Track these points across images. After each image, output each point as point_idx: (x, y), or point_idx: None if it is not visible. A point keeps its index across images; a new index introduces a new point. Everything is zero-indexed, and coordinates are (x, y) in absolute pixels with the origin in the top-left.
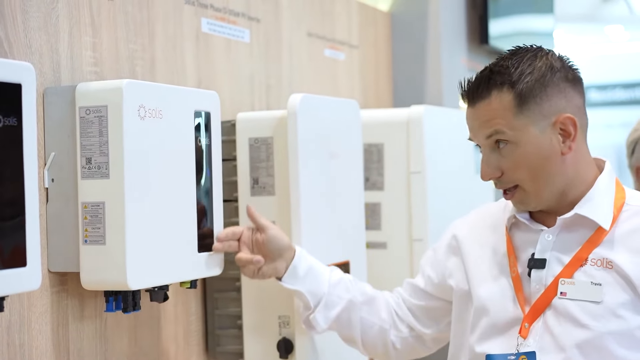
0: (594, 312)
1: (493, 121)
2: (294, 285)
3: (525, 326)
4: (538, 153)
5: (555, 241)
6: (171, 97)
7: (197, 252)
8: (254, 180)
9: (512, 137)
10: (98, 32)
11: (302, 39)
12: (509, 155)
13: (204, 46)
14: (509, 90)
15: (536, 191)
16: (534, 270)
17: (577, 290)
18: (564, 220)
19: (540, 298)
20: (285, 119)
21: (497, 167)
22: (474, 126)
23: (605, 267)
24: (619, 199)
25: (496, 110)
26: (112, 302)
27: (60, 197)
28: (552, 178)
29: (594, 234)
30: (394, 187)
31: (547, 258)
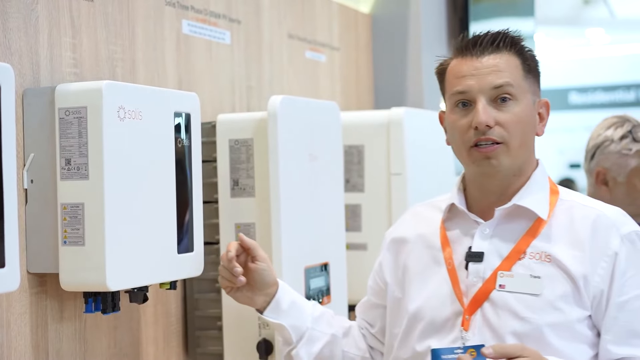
0: (533, 305)
1: (505, 73)
2: (276, 319)
3: (467, 318)
4: (529, 120)
5: (493, 234)
6: (151, 98)
7: (177, 253)
8: (234, 182)
9: (518, 94)
10: (78, 33)
11: (283, 41)
12: (509, 110)
13: (184, 48)
14: (518, 55)
15: (516, 153)
16: (471, 264)
17: (516, 283)
18: (502, 211)
19: (479, 291)
20: (265, 120)
21: (494, 118)
22: (480, 74)
23: (544, 260)
24: (553, 194)
25: (508, 65)
26: (91, 303)
27: (40, 198)
28: (527, 149)
29: (532, 226)
30: (374, 189)
31: (485, 251)
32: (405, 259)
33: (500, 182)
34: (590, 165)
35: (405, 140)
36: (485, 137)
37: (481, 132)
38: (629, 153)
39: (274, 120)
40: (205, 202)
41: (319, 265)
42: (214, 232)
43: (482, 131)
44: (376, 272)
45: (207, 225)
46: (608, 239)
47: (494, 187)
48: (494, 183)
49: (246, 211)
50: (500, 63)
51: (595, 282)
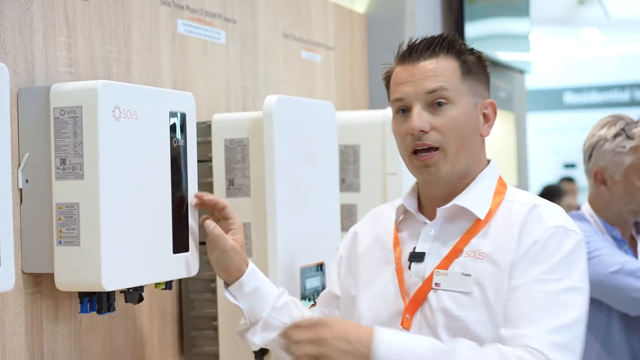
0: (464, 303)
1: (440, 77)
2: (236, 299)
3: (407, 317)
4: (468, 122)
5: (437, 234)
6: (146, 98)
7: (173, 253)
8: (230, 182)
9: (453, 97)
10: (73, 33)
11: (279, 41)
12: (445, 114)
13: (179, 47)
14: (456, 58)
15: (454, 158)
16: (413, 264)
17: (450, 281)
18: (444, 212)
19: (419, 290)
20: (261, 120)
21: (429, 123)
22: (415, 80)
23: (477, 258)
24: (499, 194)
25: (444, 69)
26: (86, 304)
27: (35, 198)
28: (470, 153)
29: (472, 226)
30: (369, 189)
31: (427, 251)
32: (361, 257)
33: (444, 187)
34: (589, 166)
35: None
36: (420, 142)
37: (417, 137)
38: (623, 150)
39: (270, 120)
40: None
41: (314, 265)
42: None
43: (417, 137)
44: (337, 263)
45: (202, 225)
46: (533, 230)
47: (438, 192)
48: (437, 188)
49: (242, 211)
50: (436, 67)
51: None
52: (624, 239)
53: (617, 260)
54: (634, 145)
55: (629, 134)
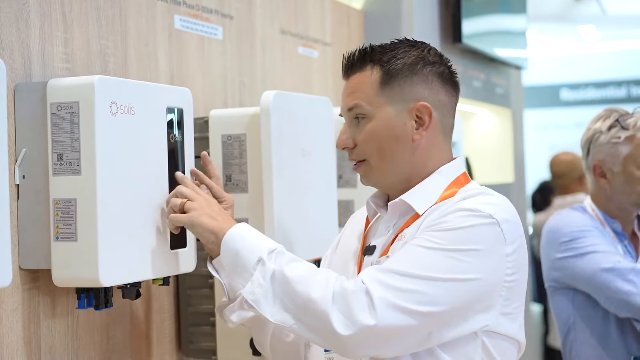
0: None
1: (356, 94)
2: (218, 273)
3: None
4: (388, 132)
5: (391, 228)
6: (143, 93)
7: (170, 249)
8: (227, 177)
9: (369, 112)
10: (69, 28)
11: (276, 37)
12: (363, 128)
13: (176, 43)
14: (379, 68)
15: (380, 168)
16: (366, 256)
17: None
18: (393, 206)
19: None
20: (258, 116)
21: (352, 138)
22: (343, 97)
23: (399, 240)
24: (450, 189)
25: (362, 84)
26: (83, 299)
27: (31, 194)
28: (398, 160)
29: (410, 218)
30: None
31: (377, 244)
32: (341, 244)
33: (387, 187)
34: (587, 162)
35: None
36: (351, 157)
37: (348, 153)
38: (619, 141)
39: (267, 115)
40: None
41: (311, 261)
42: None
43: (348, 152)
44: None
45: None
46: (444, 211)
47: (390, 193)
48: (390, 191)
49: (239, 207)
50: (357, 83)
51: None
52: (624, 233)
53: (610, 259)
54: (629, 135)
55: (624, 124)
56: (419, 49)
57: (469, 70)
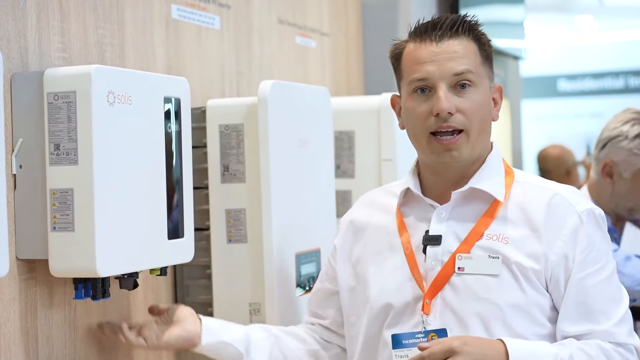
0: (493, 285)
1: (465, 59)
2: (216, 337)
3: (427, 302)
4: (488, 106)
5: (450, 217)
6: (140, 83)
7: (167, 239)
8: (225, 167)
9: (477, 80)
10: (66, 18)
11: (273, 26)
12: (470, 97)
13: (173, 32)
14: (476, 41)
15: (475, 141)
16: (429, 247)
17: (475, 264)
18: (459, 194)
19: (439, 274)
20: (255, 106)
21: (455, 105)
22: (439, 60)
23: (501, 242)
24: (509, 176)
25: (468, 52)
26: (81, 290)
27: (29, 184)
28: (487, 135)
29: (489, 208)
30: (365, 175)
31: (443, 234)
32: (360, 247)
33: (459, 170)
34: (599, 155)
35: (395, 125)
36: (446, 124)
37: (442, 119)
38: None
39: (264, 105)
40: (195, 187)
41: (309, 252)
42: (205, 218)
43: (443, 118)
44: (331, 255)
45: (197, 211)
46: (565, 218)
47: (452, 174)
48: (452, 171)
49: (236, 197)
50: (460, 49)
51: (552, 261)
52: (614, 227)
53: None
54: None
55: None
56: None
57: None
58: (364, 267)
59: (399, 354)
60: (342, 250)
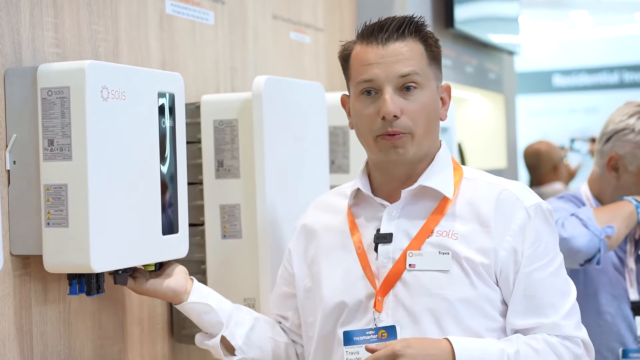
0: (444, 281)
1: (411, 61)
2: (204, 299)
3: (379, 299)
4: (434, 106)
5: (400, 215)
6: (134, 78)
7: (162, 234)
8: (219, 163)
9: (423, 82)
10: (60, 13)
11: (268, 22)
12: (415, 99)
13: (168, 28)
14: (423, 42)
15: (420, 141)
16: (380, 245)
17: (425, 261)
18: (409, 192)
19: (390, 272)
20: (250, 101)
21: (400, 107)
22: (385, 62)
23: (450, 238)
24: (457, 172)
25: (414, 53)
26: (75, 285)
27: (22, 180)
28: (432, 135)
29: (439, 205)
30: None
31: (394, 232)
32: (314, 249)
33: (406, 168)
34: (604, 148)
35: None
36: (392, 129)
37: (388, 122)
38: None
39: (259, 100)
40: (189, 183)
41: None
42: (199, 213)
43: (389, 121)
44: (286, 259)
45: (191, 206)
46: (513, 213)
47: (400, 173)
48: (399, 169)
49: (231, 192)
50: (406, 51)
51: (501, 256)
52: None
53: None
54: None
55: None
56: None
57: (461, 55)
58: (318, 267)
59: (350, 351)
60: (297, 252)
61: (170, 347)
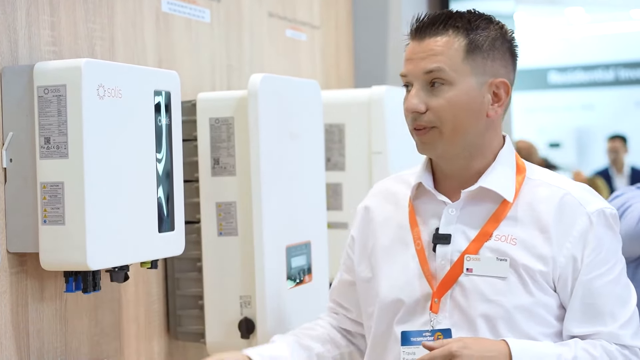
0: (501, 288)
1: (439, 57)
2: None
3: (435, 301)
4: (468, 103)
5: (460, 215)
6: (131, 76)
7: (158, 232)
8: (215, 161)
9: (452, 78)
10: (56, 11)
11: (263, 20)
12: (441, 95)
13: (164, 26)
14: (464, 36)
15: (450, 138)
16: (438, 246)
17: (483, 266)
18: (468, 193)
19: (448, 274)
20: (246, 99)
21: (425, 102)
22: (417, 58)
23: (509, 243)
24: (520, 173)
25: (446, 49)
26: (72, 283)
27: (19, 177)
28: (470, 133)
29: (499, 208)
30: (355, 168)
31: (452, 233)
32: (373, 240)
33: (453, 166)
34: None
35: (386, 118)
36: (416, 123)
37: (415, 117)
38: None
39: (255, 98)
40: (185, 181)
41: (300, 244)
42: (195, 211)
43: (415, 116)
44: (349, 246)
45: (187, 204)
46: (574, 219)
47: (450, 170)
48: (447, 167)
49: (227, 190)
50: (437, 46)
51: (560, 263)
52: None
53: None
54: None
55: None
56: (497, 24)
57: None
58: (376, 259)
59: (406, 351)
60: (359, 240)
61: (166, 344)
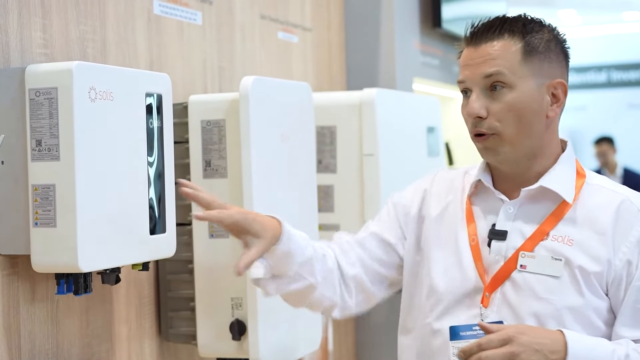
0: (553, 287)
1: (497, 61)
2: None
3: (487, 295)
4: (529, 105)
5: (517, 213)
6: (122, 79)
7: (149, 234)
8: (206, 163)
9: (512, 81)
10: (48, 13)
11: (255, 22)
12: (502, 98)
13: (155, 28)
14: (520, 39)
15: (512, 141)
16: (493, 241)
17: (538, 264)
18: (528, 192)
19: (501, 269)
20: (237, 101)
21: (486, 107)
22: (474, 64)
23: (566, 244)
24: (580, 177)
25: (504, 52)
26: (63, 285)
27: (10, 180)
28: (532, 135)
29: (557, 208)
30: (346, 170)
31: (508, 230)
32: (427, 229)
33: (514, 168)
34: None
35: (377, 121)
36: (477, 129)
37: (476, 122)
38: None
39: (246, 101)
40: (177, 183)
41: None
42: (186, 213)
43: (476, 122)
44: (404, 212)
45: (179, 206)
46: (632, 225)
47: (511, 172)
48: (507, 169)
49: (218, 192)
50: (494, 50)
51: (615, 266)
52: None
53: None
54: None
55: None
56: (549, 27)
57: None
58: (429, 248)
59: (456, 345)
60: (414, 218)
61: (157, 346)
